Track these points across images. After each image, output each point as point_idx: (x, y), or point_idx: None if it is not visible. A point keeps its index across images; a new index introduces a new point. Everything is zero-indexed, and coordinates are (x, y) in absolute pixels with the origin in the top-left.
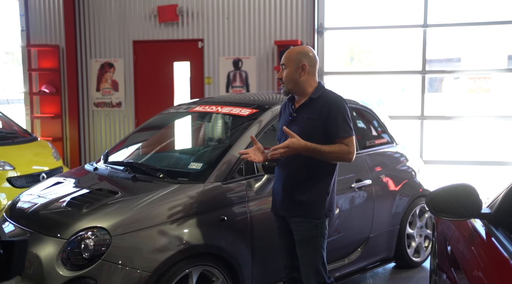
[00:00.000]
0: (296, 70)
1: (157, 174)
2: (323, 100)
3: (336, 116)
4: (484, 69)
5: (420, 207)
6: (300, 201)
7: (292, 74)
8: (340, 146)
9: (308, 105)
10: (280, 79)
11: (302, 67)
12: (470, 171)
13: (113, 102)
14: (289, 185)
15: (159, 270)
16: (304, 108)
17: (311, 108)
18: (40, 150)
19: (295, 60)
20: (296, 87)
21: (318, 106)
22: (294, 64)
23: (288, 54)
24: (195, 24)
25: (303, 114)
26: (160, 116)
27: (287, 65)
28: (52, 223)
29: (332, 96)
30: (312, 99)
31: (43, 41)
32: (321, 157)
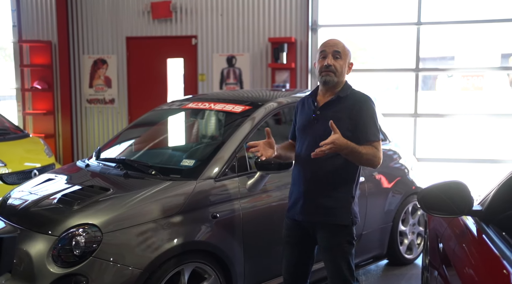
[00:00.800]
0: (346, 66)
1: (149, 171)
2: (352, 100)
3: (366, 119)
4: (477, 67)
5: (412, 204)
6: (325, 205)
7: (343, 68)
8: (372, 149)
9: (335, 104)
10: (329, 66)
11: (349, 66)
12: (463, 169)
13: (106, 99)
14: (313, 189)
15: (151, 267)
16: (330, 106)
17: (338, 107)
18: (32, 147)
19: (348, 56)
20: (339, 82)
21: (346, 106)
22: (347, 59)
23: (343, 46)
24: (188, 20)
25: (329, 112)
26: (153, 113)
27: (343, 57)
28: (43, 219)
29: (362, 96)
30: (339, 98)
31: (35, 37)
32: (356, 157)
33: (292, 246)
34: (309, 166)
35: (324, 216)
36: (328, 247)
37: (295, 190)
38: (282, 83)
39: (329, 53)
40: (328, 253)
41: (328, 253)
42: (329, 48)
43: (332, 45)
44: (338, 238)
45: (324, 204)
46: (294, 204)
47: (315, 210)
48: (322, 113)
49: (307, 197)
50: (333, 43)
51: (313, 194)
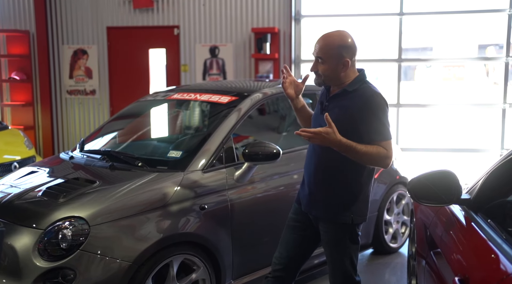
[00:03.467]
0: (336, 66)
1: (136, 163)
2: (358, 96)
3: (371, 116)
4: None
5: (397, 193)
6: (324, 201)
7: (332, 70)
8: (378, 148)
9: (341, 97)
10: (314, 71)
11: (344, 63)
12: (445, 158)
13: (86, 90)
14: (315, 182)
15: (139, 259)
16: (336, 99)
17: (343, 101)
18: (11, 139)
19: (336, 56)
20: (334, 82)
21: (351, 101)
22: (334, 60)
23: (326, 47)
24: (170, 10)
25: (334, 105)
26: (137, 104)
27: (326, 61)
28: (27, 213)
29: (369, 93)
30: (346, 92)
31: (12, 26)
32: (355, 157)
33: (294, 232)
34: (314, 158)
35: (323, 212)
36: (329, 242)
37: (304, 181)
38: (266, 74)
39: (314, 57)
40: (329, 248)
41: (328, 248)
42: (314, 52)
43: (316, 48)
44: (339, 236)
45: (323, 199)
46: (301, 193)
47: (315, 204)
48: (330, 105)
49: (310, 190)
50: (319, 45)
51: (315, 187)
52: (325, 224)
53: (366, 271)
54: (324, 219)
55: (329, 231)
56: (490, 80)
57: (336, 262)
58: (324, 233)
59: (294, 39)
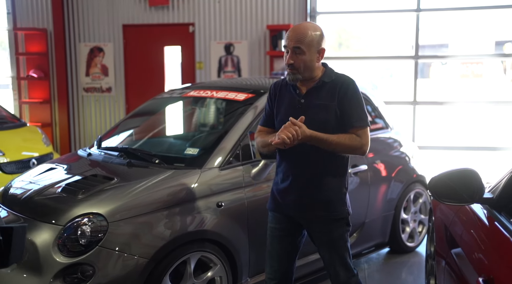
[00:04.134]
0: (314, 56)
1: (153, 160)
2: (336, 85)
3: (351, 103)
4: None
5: (414, 192)
6: (321, 199)
7: (310, 61)
8: (350, 137)
9: (320, 90)
10: (290, 65)
11: (320, 52)
12: (462, 156)
13: (103, 87)
14: (307, 183)
15: (157, 256)
16: (314, 93)
17: (323, 94)
18: (29, 136)
19: (315, 45)
20: (311, 74)
21: (331, 92)
22: (312, 49)
23: (303, 35)
24: (186, 7)
25: (314, 100)
26: (153, 101)
27: (306, 50)
28: (47, 209)
29: (346, 80)
30: (324, 83)
31: (30, 25)
32: (328, 147)
33: (282, 241)
34: (299, 159)
35: (322, 210)
36: (328, 240)
37: (283, 184)
38: (281, 71)
39: (289, 49)
40: (329, 246)
41: (328, 246)
42: (289, 43)
43: (292, 39)
44: (339, 232)
45: (320, 198)
46: (283, 199)
47: (311, 205)
48: (307, 102)
49: (301, 192)
50: (295, 36)
51: (307, 188)
52: (323, 223)
53: (382, 270)
54: (321, 218)
55: (327, 229)
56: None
57: (338, 260)
58: (322, 233)
59: None
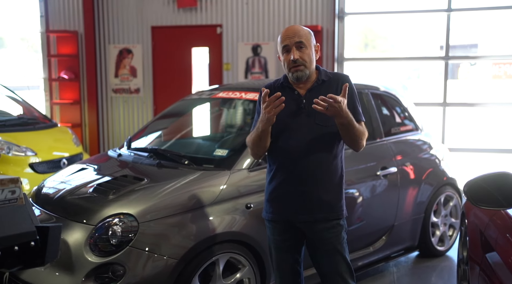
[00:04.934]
0: (313, 52)
1: (182, 161)
2: (335, 82)
3: (352, 98)
4: (509, 54)
5: (444, 195)
6: (324, 200)
7: (312, 55)
8: (363, 128)
9: (320, 88)
10: (295, 61)
11: (316, 50)
12: (493, 159)
13: (131, 88)
14: (311, 185)
15: (186, 257)
16: (315, 92)
17: (323, 90)
18: (60, 136)
19: (311, 40)
20: (311, 70)
21: (330, 88)
22: (311, 43)
23: (302, 32)
24: (213, 9)
25: (314, 97)
26: (182, 102)
27: (307, 44)
28: (79, 209)
29: (344, 77)
30: (323, 82)
31: (62, 27)
32: (350, 131)
33: (290, 251)
34: (303, 161)
35: (325, 212)
36: (333, 246)
37: (284, 189)
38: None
39: (292, 46)
40: (335, 251)
41: (334, 251)
42: (290, 41)
43: (292, 36)
44: (339, 231)
45: (323, 199)
46: (285, 204)
47: (315, 206)
48: (309, 101)
49: (306, 194)
50: (293, 33)
51: (312, 190)
52: (324, 225)
53: (412, 274)
54: (323, 220)
55: (328, 231)
56: None
57: (343, 260)
58: (327, 239)
59: (337, 37)
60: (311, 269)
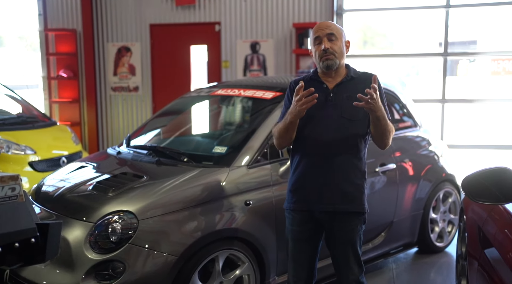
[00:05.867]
0: (343, 45)
1: (181, 158)
2: (364, 80)
3: (382, 97)
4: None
5: (443, 191)
6: (348, 192)
7: (343, 48)
8: (392, 125)
9: (348, 84)
10: (326, 50)
11: (347, 45)
12: (492, 155)
13: (130, 86)
14: (337, 176)
15: (186, 254)
16: (343, 88)
17: (351, 88)
18: (59, 134)
19: (342, 35)
20: (342, 65)
21: (360, 86)
22: (343, 38)
23: (334, 26)
24: (212, 7)
25: (344, 93)
26: (181, 100)
27: (338, 37)
28: (78, 206)
29: (370, 74)
30: (352, 78)
31: (61, 26)
32: (382, 126)
33: (304, 242)
34: (327, 153)
35: (347, 203)
36: (346, 236)
37: (307, 179)
38: (307, 69)
39: (323, 37)
40: (346, 242)
41: (345, 242)
42: (322, 32)
43: (324, 28)
44: (356, 227)
45: (347, 191)
46: (307, 194)
47: (337, 198)
48: (337, 95)
49: (331, 185)
50: (325, 26)
51: (337, 181)
52: (344, 217)
53: (411, 270)
54: (345, 212)
55: (349, 224)
56: None
57: (354, 258)
58: (345, 231)
59: None
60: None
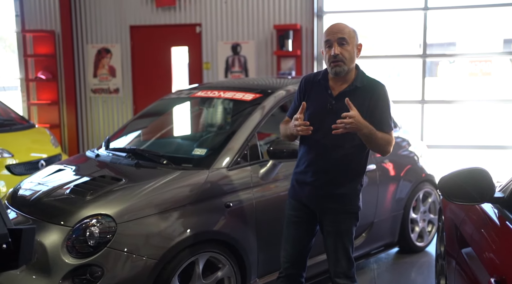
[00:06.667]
0: (354, 50)
1: (161, 160)
2: (368, 90)
3: (383, 109)
4: (485, 52)
5: (423, 191)
6: (338, 193)
7: (353, 52)
8: (388, 136)
9: (351, 94)
10: (336, 56)
11: (358, 48)
12: (471, 155)
13: (110, 88)
14: (328, 177)
15: (165, 257)
16: (345, 96)
17: (354, 97)
18: (38, 137)
19: (355, 38)
20: (351, 70)
21: (363, 96)
22: (354, 42)
23: (346, 29)
24: (192, 8)
25: (344, 102)
26: (161, 102)
27: (350, 41)
28: (55, 210)
29: (378, 85)
30: (356, 88)
31: (38, 27)
32: (373, 141)
33: (297, 228)
34: (324, 155)
35: (335, 203)
36: (337, 232)
37: (303, 175)
38: (288, 71)
39: (334, 42)
40: (336, 237)
41: (335, 237)
42: (333, 36)
43: (335, 32)
44: (347, 224)
45: (337, 191)
46: (301, 188)
47: (326, 197)
48: (338, 104)
49: (320, 185)
50: (337, 29)
51: (327, 182)
52: (335, 215)
53: (392, 270)
54: (335, 210)
55: (338, 221)
56: None
57: (342, 250)
58: (336, 225)
59: (316, 35)
60: None
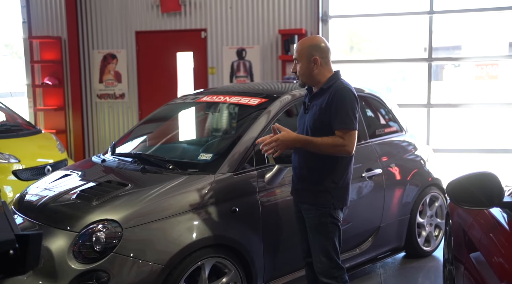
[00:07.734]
0: (308, 64)
1: (167, 165)
2: (331, 91)
3: (336, 107)
4: (491, 56)
5: (430, 196)
6: (308, 189)
7: (306, 68)
8: (334, 138)
9: (319, 96)
10: (294, 72)
11: (314, 61)
12: (478, 159)
13: (116, 93)
14: (300, 173)
15: (172, 262)
16: (315, 98)
17: (321, 98)
18: (44, 142)
19: (306, 55)
20: (311, 80)
21: (326, 96)
22: (305, 59)
23: (299, 48)
24: (198, 14)
25: (315, 104)
26: (166, 107)
27: (299, 60)
28: (62, 215)
29: (338, 86)
30: (322, 90)
31: (45, 33)
32: (315, 149)
33: (299, 222)
34: (298, 153)
35: (306, 198)
36: (310, 226)
37: (293, 172)
38: (293, 76)
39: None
40: (311, 232)
41: (311, 232)
42: (294, 56)
43: (293, 51)
44: (321, 220)
45: (307, 187)
46: (292, 184)
47: (301, 192)
48: (311, 105)
49: (297, 180)
50: (294, 49)
51: (300, 177)
52: (309, 210)
53: (398, 275)
54: (308, 205)
55: (312, 216)
56: None
57: (319, 247)
58: (308, 219)
59: None
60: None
